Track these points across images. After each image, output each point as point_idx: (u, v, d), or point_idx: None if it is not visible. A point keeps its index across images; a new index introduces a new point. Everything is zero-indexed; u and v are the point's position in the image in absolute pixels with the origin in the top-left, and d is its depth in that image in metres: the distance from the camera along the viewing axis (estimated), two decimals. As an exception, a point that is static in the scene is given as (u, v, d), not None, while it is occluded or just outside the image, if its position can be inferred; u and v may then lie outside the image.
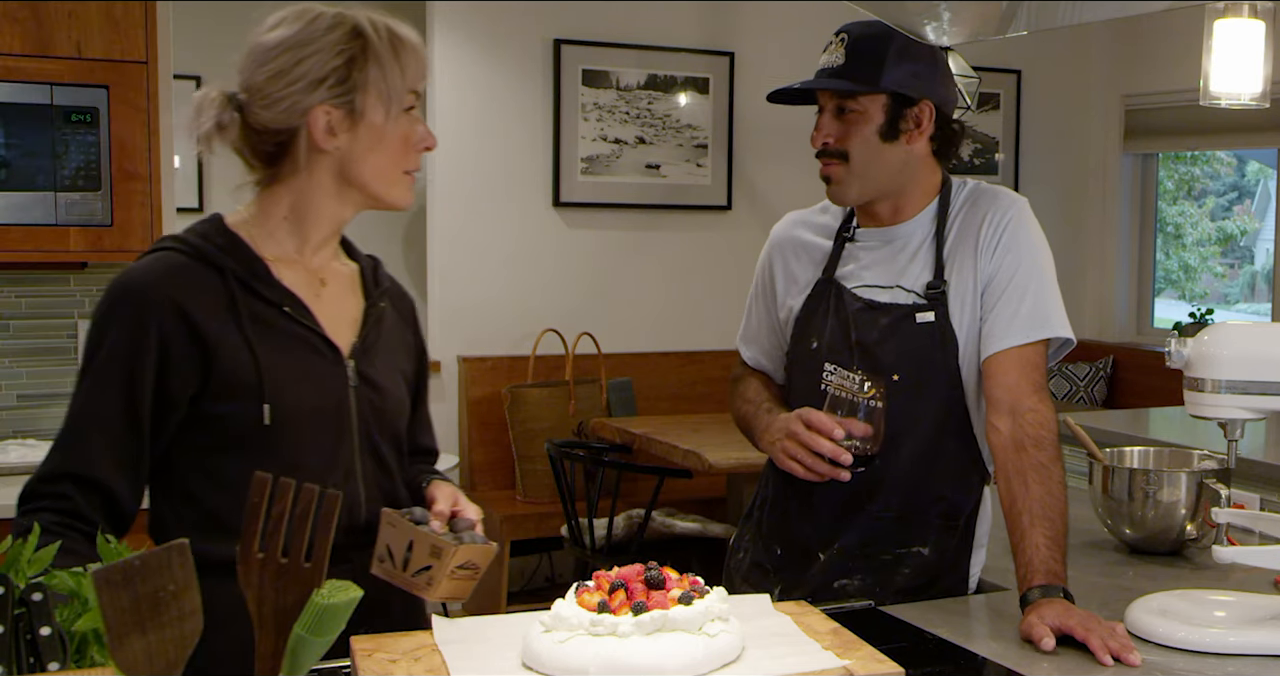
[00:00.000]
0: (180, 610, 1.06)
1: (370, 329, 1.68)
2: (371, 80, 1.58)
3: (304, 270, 1.65)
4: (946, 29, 1.77)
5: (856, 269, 1.98)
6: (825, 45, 1.94)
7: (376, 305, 1.70)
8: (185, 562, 1.06)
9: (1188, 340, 1.68)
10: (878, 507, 1.92)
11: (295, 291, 1.61)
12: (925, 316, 1.89)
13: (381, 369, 1.67)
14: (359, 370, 1.63)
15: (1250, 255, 7.60)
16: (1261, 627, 1.64)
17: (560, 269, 5.16)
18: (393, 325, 1.74)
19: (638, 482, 4.61)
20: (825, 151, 1.93)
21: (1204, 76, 3.36)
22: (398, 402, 1.70)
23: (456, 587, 1.53)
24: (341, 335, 1.64)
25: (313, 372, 1.59)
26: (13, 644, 1.15)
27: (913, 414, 1.90)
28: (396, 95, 1.60)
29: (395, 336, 1.73)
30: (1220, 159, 7.16)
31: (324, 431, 1.59)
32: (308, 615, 1.12)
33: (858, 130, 1.90)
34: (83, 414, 1.54)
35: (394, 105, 1.59)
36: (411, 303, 1.82)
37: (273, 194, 1.65)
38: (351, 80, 1.57)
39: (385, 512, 1.54)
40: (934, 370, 1.89)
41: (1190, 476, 2.14)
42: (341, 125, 1.59)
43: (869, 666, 1.34)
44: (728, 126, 5.36)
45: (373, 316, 1.69)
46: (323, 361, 1.61)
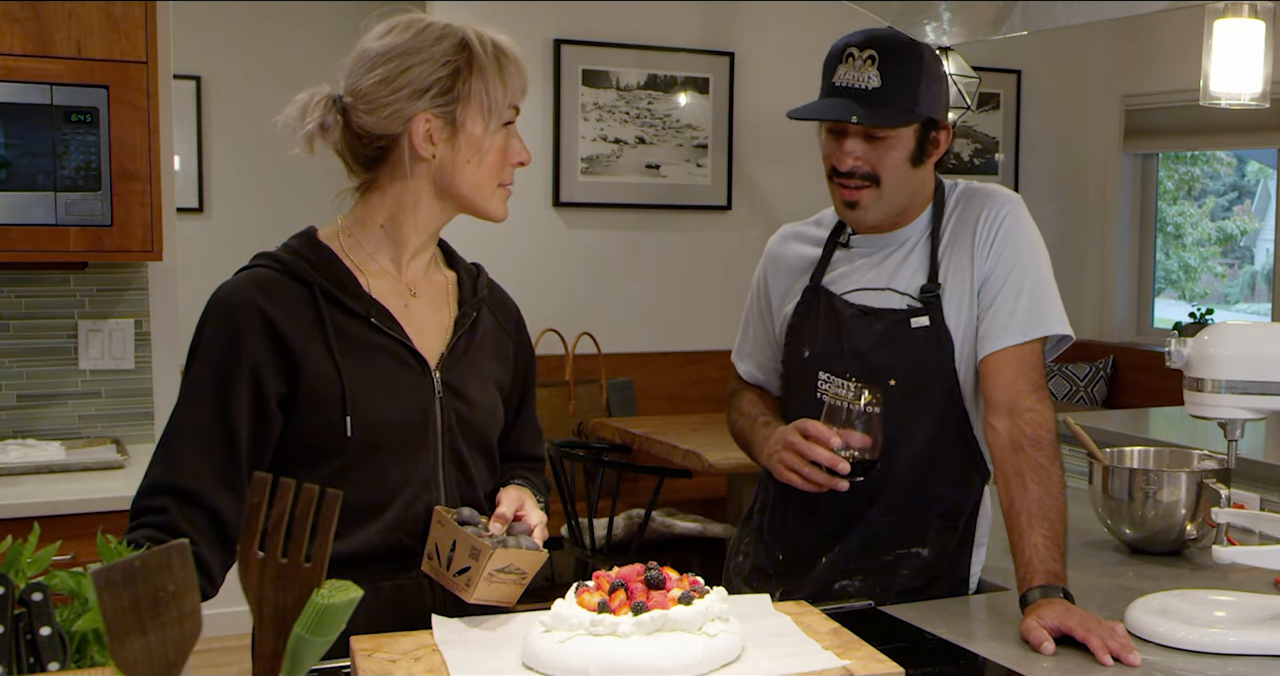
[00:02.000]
0: (180, 610, 1.06)
1: (460, 338, 1.68)
2: (474, 92, 1.60)
3: (395, 281, 1.66)
4: (946, 29, 1.77)
5: (847, 272, 1.97)
6: (843, 54, 1.87)
7: (469, 314, 1.71)
8: (185, 562, 1.06)
9: (1188, 340, 1.68)
10: (878, 512, 1.92)
11: (383, 302, 1.63)
12: (920, 321, 1.88)
13: (470, 378, 1.67)
14: (445, 380, 1.64)
15: (1250, 255, 7.60)
16: (1261, 627, 1.64)
17: (560, 269, 5.16)
18: (488, 334, 1.74)
19: (638, 482, 4.61)
20: (855, 174, 1.87)
21: (1204, 76, 3.36)
22: (487, 412, 1.70)
23: (497, 591, 1.52)
24: (430, 345, 1.65)
25: (399, 384, 1.60)
26: (13, 644, 1.15)
27: (911, 418, 1.89)
28: (496, 109, 1.62)
29: (490, 345, 1.74)
30: (1220, 159, 7.16)
31: (408, 442, 1.60)
32: (308, 615, 1.12)
33: (889, 155, 1.86)
34: (178, 426, 1.55)
35: (494, 119, 1.62)
36: (515, 310, 1.84)
37: (370, 202, 1.67)
38: (455, 91, 1.60)
39: (436, 511, 1.56)
40: (931, 374, 1.89)
41: (1190, 476, 2.14)
42: (441, 134, 1.61)
43: (869, 666, 1.34)
44: (728, 126, 5.36)
45: (463, 325, 1.69)
46: (409, 372, 1.61)
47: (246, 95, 5.64)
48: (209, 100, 5.57)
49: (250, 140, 5.69)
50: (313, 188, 5.85)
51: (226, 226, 5.61)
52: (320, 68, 6.60)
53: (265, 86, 5.70)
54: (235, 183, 5.70)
